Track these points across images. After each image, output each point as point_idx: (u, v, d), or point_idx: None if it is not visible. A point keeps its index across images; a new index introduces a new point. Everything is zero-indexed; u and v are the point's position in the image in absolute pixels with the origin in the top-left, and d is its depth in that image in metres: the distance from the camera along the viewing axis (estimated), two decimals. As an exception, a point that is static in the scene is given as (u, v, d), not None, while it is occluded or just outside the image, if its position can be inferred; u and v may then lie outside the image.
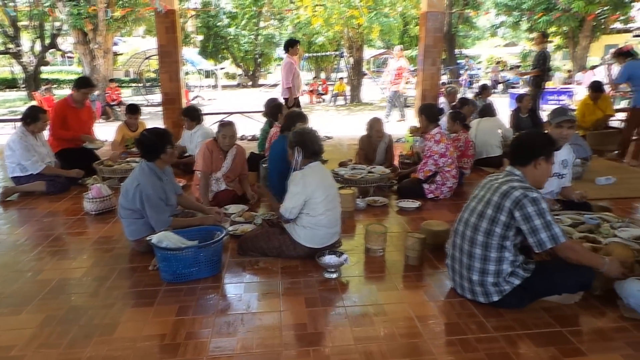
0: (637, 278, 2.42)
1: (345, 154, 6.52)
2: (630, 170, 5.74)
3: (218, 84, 25.06)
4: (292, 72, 7.19)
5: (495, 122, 6.08)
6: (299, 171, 3.02)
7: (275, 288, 2.78)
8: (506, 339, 2.24)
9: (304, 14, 15.14)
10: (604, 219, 3.27)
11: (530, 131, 2.73)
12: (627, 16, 16.74)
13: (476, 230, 2.45)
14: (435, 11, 6.87)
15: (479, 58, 32.50)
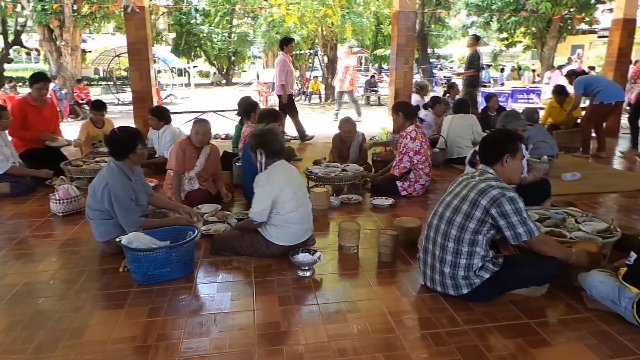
0: (599, 270, 2.51)
1: (320, 153, 6.54)
2: (595, 167, 5.95)
3: (191, 82, 24.71)
4: (285, 70, 7.30)
5: (469, 120, 6.05)
6: (263, 173, 3.01)
7: (248, 287, 2.77)
8: (476, 332, 2.29)
9: (277, 12, 15.07)
10: (569, 213, 3.38)
11: (494, 131, 2.80)
12: (592, 17, 17.29)
13: (450, 224, 2.49)
14: (407, 11, 6.95)
15: (451, 57, 33.02)
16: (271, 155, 3.04)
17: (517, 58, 29.29)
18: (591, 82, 6.51)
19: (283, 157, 3.12)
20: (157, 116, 5.32)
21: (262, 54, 28.72)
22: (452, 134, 5.92)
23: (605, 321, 2.39)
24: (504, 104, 13.49)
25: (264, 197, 2.94)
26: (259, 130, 3.19)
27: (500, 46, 23.27)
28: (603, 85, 6.44)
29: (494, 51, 26.73)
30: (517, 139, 2.61)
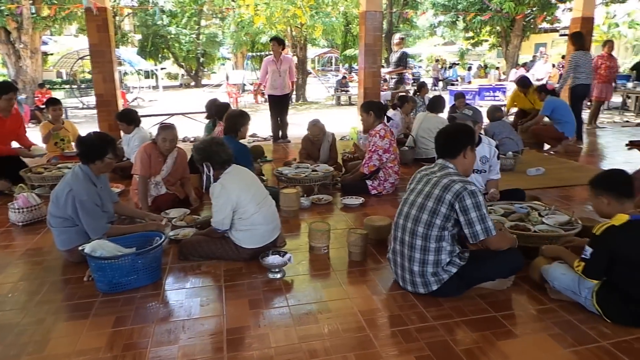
0: (561, 262, 2.58)
1: (291, 154, 6.53)
2: (558, 161, 6.13)
3: (159, 84, 24.24)
4: (265, 70, 7.38)
5: (439, 120, 6.00)
6: (216, 183, 2.97)
7: (218, 292, 2.73)
8: (445, 327, 2.33)
9: (246, 13, 14.96)
10: (533, 207, 3.47)
11: (452, 124, 2.85)
12: (552, 17, 17.84)
13: (417, 222, 2.52)
14: (374, 10, 7.00)
15: (419, 57, 33.49)
16: (220, 167, 3.00)
17: (483, 56, 29.95)
18: (561, 111, 6.71)
19: (232, 162, 3.07)
20: (125, 120, 5.15)
21: (231, 55, 28.48)
22: (421, 133, 5.99)
23: (567, 311, 2.46)
24: (471, 102, 13.79)
25: (222, 207, 2.92)
26: (201, 143, 3.11)
27: (467, 45, 23.73)
28: (570, 119, 6.73)
29: (460, 50, 27.29)
30: (474, 132, 2.67)
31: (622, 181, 2.39)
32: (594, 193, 2.44)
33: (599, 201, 2.42)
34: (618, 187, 2.36)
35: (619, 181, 2.39)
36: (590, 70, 7.58)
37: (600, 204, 2.42)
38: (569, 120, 6.77)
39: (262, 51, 20.60)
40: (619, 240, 2.27)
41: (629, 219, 2.27)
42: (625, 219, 2.27)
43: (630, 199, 2.37)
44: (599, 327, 2.32)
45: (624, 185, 2.37)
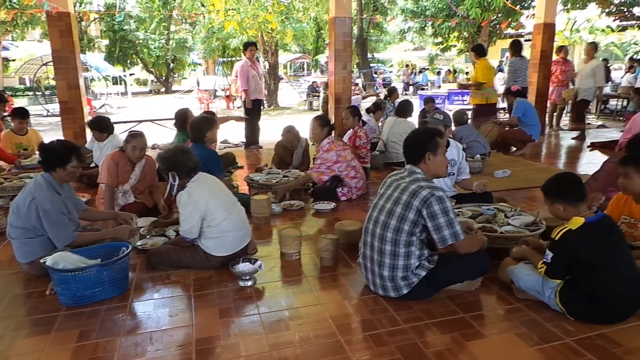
0: (526, 263, 2.65)
1: (263, 160, 6.49)
2: (524, 164, 6.30)
3: (128, 90, 23.76)
4: (244, 75, 7.26)
5: (409, 125, 6.09)
6: (183, 192, 2.93)
7: (187, 301, 2.68)
8: (415, 330, 2.35)
9: (216, 19, 14.86)
10: (500, 209, 3.55)
11: (414, 130, 2.88)
12: (517, 23, 18.39)
13: (386, 227, 2.54)
14: (343, 16, 7.06)
15: (390, 62, 33.95)
16: (185, 175, 2.96)
17: (452, 61, 30.59)
18: (530, 114, 6.97)
19: (198, 170, 3.03)
20: (97, 128, 4.97)
21: (202, 61, 28.20)
22: (391, 137, 6.06)
23: (533, 310, 2.52)
24: (440, 106, 14.05)
25: (190, 215, 2.88)
26: (165, 152, 3.05)
27: (436, 50, 24.20)
28: (537, 122, 7.06)
29: (430, 55, 27.83)
30: (436, 135, 2.68)
31: (573, 186, 2.43)
32: (549, 201, 2.48)
33: (554, 208, 2.46)
34: (570, 194, 2.40)
35: (569, 187, 2.43)
36: (527, 74, 8.15)
37: (556, 210, 2.46)
38: (535, 123, 6.99)
39: (234, 57, 20.48)
40: (576, 243, 2.33)
41: (584, 222, 2.33)
42: (581, 222, 2.33)
43: (583, 202, 2.43)
44: (563, 324, 2.38)
45: (575, 190, 2.41)
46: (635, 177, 2.67)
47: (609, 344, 2.22)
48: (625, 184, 2.72)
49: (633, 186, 2.70)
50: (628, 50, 26.26)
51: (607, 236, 2.37)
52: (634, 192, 2.73)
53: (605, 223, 2.42)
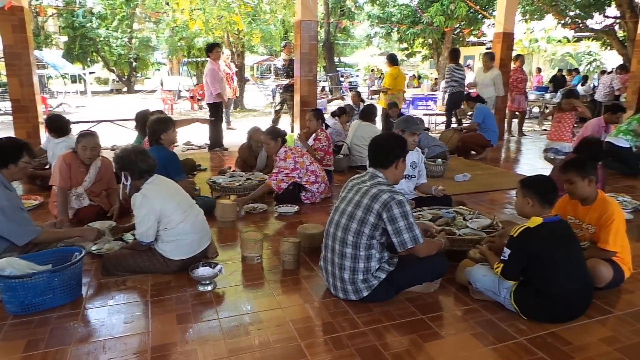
0: (482, 264, 2.72)
1: (228, 162, 6.41)
2: (484, 168, 6.49)
3: (87, 89, 22.99)
4: (216, 78, 7.20)
5: (373, 129, 6.13)
6: (138, 193, 2.86)
7: (144, 308, 2.61)
8: (374, 332, 2.37)
9: (181, 17, 14.58)
10: (459, 212, 3.64)
11: (384, 135, 2.92)
12: (479, 31, 18.97)
13: (347, 231, 2.55)
14: (309, 20, 7.07)
15: (357, 66, 34.28)
16: (139, 176, 2.89)
17: (417, 67, 31.19)
18: (489, 120, 7.25)
19: (154, 172, 2.97)
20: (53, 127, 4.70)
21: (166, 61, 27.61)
22: (355, 141, 6.11)
23: (489, 310, 2.59)
24: (405, 111, 14.27)
25: (146, 217, 2.81)
26: (120, 151, 2.99)
27: (402, 56, 24.59)
28: (495, 128, 7.36)
29: (396, 60, 28.22)
30: (405, 142, 2.76)
31: (550, 189, 2.54)
32: (522, 193, 2.58)
33: (524, 201, 2.56)
34: (545, 194, 2.52)
35: (547, 188, 2.54)
36: (463, 81, 8.53)
37: (524, 204, 2.56)
38: (494, 129, 7.24)
39: (199, 57, 20.16)
40: (532, 240, 2.42)
41: (542, 222, 2.44)
42: (539, 221, 2.44)
43: (550, 207, 2.54)
44: (517, 324, 2.46)
45: (550, 193, 2.54)
46: (578, 181, 2.79)
47: (559, 342, 2.31)
48: (570, 189, 2.84)
49: (578, 190, 2.82)
50: (582, 60, 27.57)
51: (562, 237, 2.48)
52: (580, 196, 2.86)
53: (561, 225, 2.54)
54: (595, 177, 2.84)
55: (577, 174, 2.78)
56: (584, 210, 2.89)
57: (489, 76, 8.00)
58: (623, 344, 2.30)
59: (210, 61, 7.40)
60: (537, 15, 16.50)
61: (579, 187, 2.80)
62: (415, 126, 3.88)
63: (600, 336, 2.37)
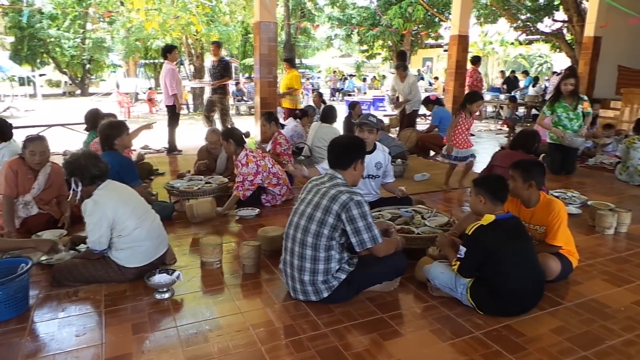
0: (440, 261, 2.78)
1: (187, 166, 6.27)
2: (442, 167, 6.60)
3: (37, 92, 21.94)
4: (175, 79, 7.15)
5: (333, 131, 6.16)
6: (88, 200, 2.76)
7: (97, 319, 2.51)
8: (335, 333, 2.37)
9: (136, 18, 14.18)
10: (417, 211, 3.70)
11: (343, 137, 2.94)
12: (435, 33, 19.46)
13: (306, 232, 2.54)
14: (267, 21, 7.03)
15: (318, 68, 34.38)
16: (89, 182, 2.80)
17: (377, 69, 31.63)
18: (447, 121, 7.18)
19: (106, 177, 2.87)
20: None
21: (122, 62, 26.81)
22: (316, 142, 6.11)
23: (447, 307, 2.65)
24: (366, 111, 14.45)
25: (97, 224, 2.71)
26: (70, 156, 2.90)
27: (362, 58, 24.89)
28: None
29: (357, 62, 28.55)
30: (364, 144, 2.79)
31: (501, 187, 2.64)
32: (475, 191, 2.67)
33: (477, 199, 2.65)
34: (496, 192, 2.62)
35: (498, 187, 2.64)
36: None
37: (477, 202, 2.65)
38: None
39: (156, 58, 19.68)
40: (486, 237, 2.50)
41: (495, 219, 2.52)
42: (492, 219, 2.52)
43: (502, 204, 2.64)
44: (473, 319, 2.52)
45: (501, 191, 2.64)
46: (519, 182, 2.91)
47: (513, 334, 2.38)
48: (511, 186, 2.95)
49: (515, 189, 2.94)
50: (534, 62, 28.76)
51: (513, 233, 2.57)
52: (517, 194, 2.97)
53: (513, 222, 2.64)
54: (538, 186, 2.94)
55: (521, 175, 2.90)
56: (528, 212, 3.00)
57: (407, 85, 8.04)
58: (572, 334, 2.40)
59: (168, 62, 7.28)
60: (490, 18, 17.08)
61: (518, 187, 2.93)
62: (364, 121, 3.83)
63: (552, 327, 2.47)
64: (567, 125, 5.87)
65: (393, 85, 8.60)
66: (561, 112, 5.88)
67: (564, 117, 5.87)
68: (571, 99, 5.80)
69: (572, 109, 5.82)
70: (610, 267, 3.23)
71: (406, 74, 8.07)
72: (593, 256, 3.41)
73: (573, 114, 5.83)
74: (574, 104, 5.80)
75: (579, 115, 5.84)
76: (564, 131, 5.85)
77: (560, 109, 5.88)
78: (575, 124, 5.86)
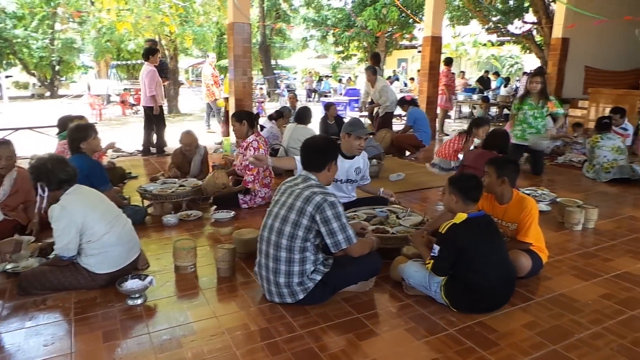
0: (415, 260, 2.81)
1: (160, 169, 6.18)
2: (417, 167, 6.71)
3: (4, 94, 21.25)
4: (155, 80, 7.11)
5: (308, 132, 6.18)
6: (55, 205, 2.69)
7: (66, 327, 2.44)
8: (311, 335, 2.36)
9: (107, 18, 13.88)
10: (392, 210, 3.73)
11: (317, 138, 2.93)
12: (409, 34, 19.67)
13: (280, 234, 2.53)
14: (241, 22, 6.98)
15: (294, 69, 34.36)
16: (56, 187, 2.72)
17: (353, 69, 31.79)
18: (421, 122, 7.50)
19: (74, 182, 2.80)
20: None
21: (93, 63, 26.20)
22: (292, 144, 6.10)
23: (421, 305, 2.67)
24: (342, 112, 14.51)
25: (65, 230, 2.64)
26: (36, 160, 2.81)
27: (338, 59, 24.96)
28: (428, 129, 7.60)
29: (332, 63, 28.64)
30: (338, 147, 2.80)
31: (474, 187, 2.68)
32: (449, 190, 2.71)
33: (450, 198, 2.69)
34: (468, 191, 2.65)
35: (471, 186, 2.68)
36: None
37: (450, 200, 2.69)
38: (426, 130, 7.52)
39: (129, 59, 19.31)
40: (459, 236, 2.54)
41: (467, 217, 2.56)
42: (464, 217, 2.56)
43: (474, 203, 2.68)
44: (447, 316, 2.55)
45: (473, 191, 2.67)
46: (493, 177, 2.98)
47: (485, 330, 2.42)
48: (486, 182, 3.01)
49: (490, 184, 3.01)
50: (505, 63, 29.39)
51: (486, 231, 2.62)
52: (491, 190, 3.04)
53: (485, 220, 2.69)
54: (511, 182, 3.01)
55: (495, 171, 2.96)
56: (500, 209, 3.06)
57: (377, 90, 8.09)
58: (543, 328, 2.46)
59: (148, 64, 7.27)
60: (463, 20, 17.35)
61: (491, 182, 3.00)
62: (360, 130, 3.78)
63: (523, 322, 2.52)
64: (532, 124, 6.00)
65: (365, 89, 8.63)
66: (527, 110, 6.02)
67: (529, 114, 6.00)
68: (538, 97, 5.94)
69: (538, 107, 5.96)
70: (579, 262, 3.32)
71: (375, 78, 8.11)
72: (562, 252, 3.50)
73: (538, 113, 5.96)
74: (541, 102, 5.94)
75: (544, 115, 5.99)
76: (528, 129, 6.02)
77: (526, 107, 6.02)
78: (540, 123, 6.00)
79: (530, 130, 6.02)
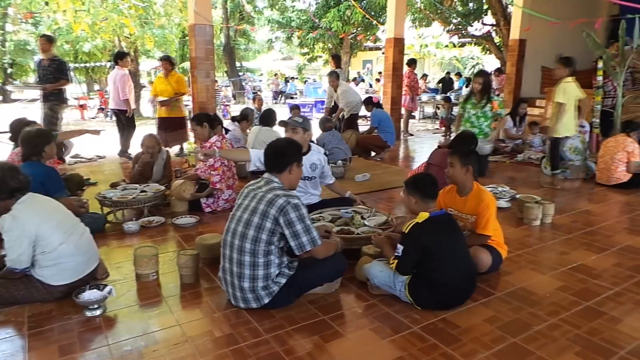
0: (379, 260, 2.83)
1: (121, 175, 6.00)
2: (382, 167, 6.78)
3: (-49, 99, 20.17)
4: (127, 84, 7.11)
5: (273, 134, 6.09)
6: (7, 215, 2.57)
7: (19, 343, 2.33)
8: (277, 339, 2.34)
9: (63, 19, 13.38)
10: (357, 211, 3.75)
11: (279, 140, 2.92)
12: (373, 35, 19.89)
13: (244, 238, 2.50)
14: (203, 24, 6.87)
15: (260, 71, 34.14)
16: (8, 196, 2.60)
17: (319, 71, 31.86)
18: (385, 122, 7.65)
19: (27, 190, 2.68)
20: None
21: (50, 66, 25.16)
22: (257, 146, 6.03)
23: (386, 304, 2.69)
24: (308, 114, 14.53)
25: (17, 241, 2.52)
26: None
27: (304, 60, 24.97)
28: (392, 130, 7.75)
29: (298, 65, 28.64)
30: (302, 149, 2.79)
31: (428, 184, 2.74)
32: (406, 192, 2.75)
33: (409, 200, 2.74)
34: (424, 189, 2.71)
35: (425, 184, 2.73)
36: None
37: (410, 202, 2.74)
38: (391, 131, 7.64)
39: (87, 62, 18.68)
40: (422, 235, 2.57)
41: (429, 216, 2.61)
42: (426, 216, 2.60)
43: (433, 200, 2.73)
44: (412, 314, 2.58)
45: (429, 188, 2.73)
46: (457, 167, 3.06)
47: (448, 326, 2.47)
48: (450, 173, 3.09)
49: (455, 174, 3.08)
50: (467, 64, 30.16)
51: (447, 229, 2.67)
52: (456, 180, 3.12)
53: (446, 218, 2.74)
54: (474, 171, 3.10)
55: (459, 160, 3.04)
56: (461, 201, 3.14)
57: (340, 93, 8.16)
58: (503, 322, 2.53)
59: (119, 67, 7.25)
60: (425, 22, 17.69)
61: (456, 172, 3.07)
62: (291, 122, 3.83)
63: (484, 317, 2.58)
64: (475, 123, 6.08)
65: (329, 93, 8.65)
66: (469, 109, 6.14)
67: (472, 114, 6.10)
68: (479, 97, 6.04)
69: (480, 107, 6.04)
70: (537, 256, 3.44)
71: (338, 82, 8.18)
72: (521, 247, 3.61)
73: (481, 112, 6.05)
74: (482, 102, 6.03)
75: (487, 115, 6.06)
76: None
77: (469, 106, 6.15)
78: (483, 123, 6.08)
79: (473, 130, 6.10)
